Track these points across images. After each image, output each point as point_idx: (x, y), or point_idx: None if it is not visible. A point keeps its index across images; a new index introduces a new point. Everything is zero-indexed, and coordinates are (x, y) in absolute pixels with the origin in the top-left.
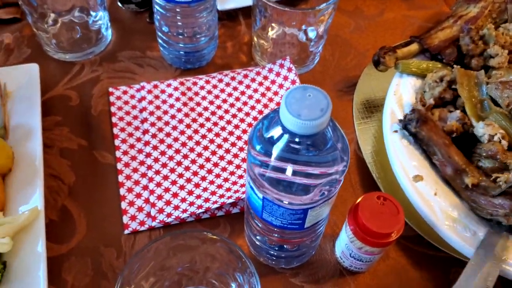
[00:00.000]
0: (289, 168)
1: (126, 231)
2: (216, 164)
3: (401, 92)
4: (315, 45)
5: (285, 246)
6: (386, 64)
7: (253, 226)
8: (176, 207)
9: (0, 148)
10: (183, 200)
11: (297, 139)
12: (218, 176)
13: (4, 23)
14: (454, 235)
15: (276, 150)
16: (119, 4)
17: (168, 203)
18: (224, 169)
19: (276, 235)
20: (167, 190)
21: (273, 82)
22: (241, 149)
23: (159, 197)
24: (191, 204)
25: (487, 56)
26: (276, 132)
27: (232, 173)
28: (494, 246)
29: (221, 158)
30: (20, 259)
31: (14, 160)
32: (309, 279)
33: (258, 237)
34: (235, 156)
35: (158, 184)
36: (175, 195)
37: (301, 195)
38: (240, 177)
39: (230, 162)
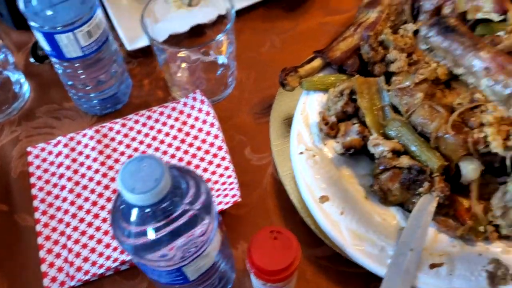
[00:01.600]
0: (147, 234)
1: None
2: None
3: (308, 111)
4: (224, 73)
5: None
6: (290, 85)
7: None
8: (94, 263)
9: None
10: (101, 254)
11: (143, 209)
12: None
13: None
14: (361, 255)
15: (126, 221)
16: (31, 60)
17: (86, 259)
18: None
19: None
20: (85, 246)
21: (188, 115)
22: None
23: (77, 255)
24: (108, 258)
25: (388, 61)
26: (122, 203)
27: None
28: (404, 262)
29: None
30: None
31: None
32: None
33: None
34: None
35: (76, 241)
36: (92, 250)
37: (163, 259)
38: None
39: None
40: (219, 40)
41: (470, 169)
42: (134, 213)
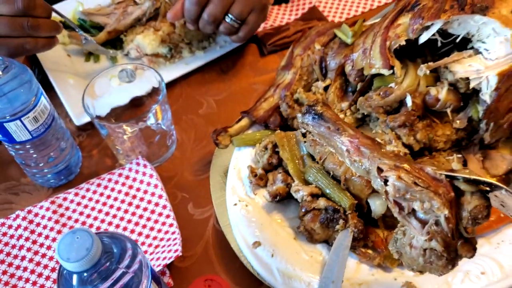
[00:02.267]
0: None
1: None
2: None
3: (240, 166)
4: (164, 138)
5: None
6: (222, 144)
7: None
8: None
9: None
10: None
11: (81, 274)
12: None
13: None
14: None
15: (72, 285)
16: None
17: None
18: None
19: None
20: None
21: (134, 179)
22: None
23: None
24: None
25: None
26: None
27: None
28: None
29: None
30: None
31: None
32: None
33: None
34: None
35: None
36: None
37: None
38: None
39: None
40: (154, 111)
41: (378, 204)
42: (75, 279)
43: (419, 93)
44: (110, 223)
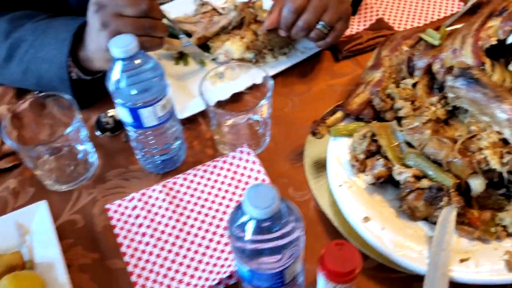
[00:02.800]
0: (262, 244)
1: None
2: (207, 247)
3: (337, 154)
4: (263, 129)
5: None
6: (321, 133)
7: None
8: None
9: (35, 280)
10: (188, 284)
11: (261, 222)
12: (211, 256)
13: (6, 171)
14: (404, 259)
15: (249, 232)
16: (97, 133)
17: None
18: (215, 249)
19: None
20: (172, 279)
21: (237, 166)
22: (225, 228)
23: (168, 286)
24: (195, 286)
25: (396, 109)
26: (245, 218)
27: (222, 251)
28: (439, 260)
29: (211, 240)
30: None
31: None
32: None
33: None
34: (222, 236)
35: (164, 276)
36: (180, 281)
37: (276, 261)
38: (230, 253)
39: (218, 242)
40: (262, 104)
41: (477, 184)
42: (255, 225)
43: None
44: (220, 204)
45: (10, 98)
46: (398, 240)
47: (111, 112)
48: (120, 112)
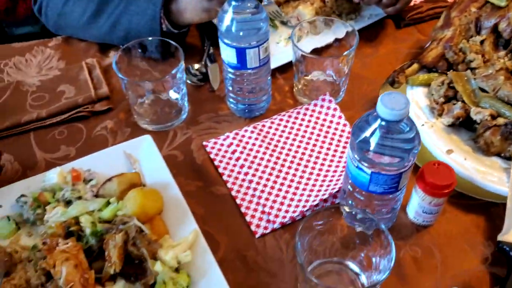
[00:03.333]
0: (393, 142)
1: (257, 236)
2: (301, 178)
3: (416, 99)
4: (344, 81)
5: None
6: (400, 81)
7: (355, 201)
8: (287, 211)
9: (156, 194)
10: (289, 205)
11: (393, 123)
12: (309, 179)
13: (101, 113)
14: (487, 182)
15: (381, 134)
16: (188, 81)
17: (279, 209)
18: (306, 183)
19: (376, 202)
20: (274, 201)
21: (319, 113)
22: (315, 162)
23: (271, 207)
24: (297, 206)
25: (467, 61)
26: (376, 124)
27: (313, 184)
28: None
29: (303, 173)
30: (197, 266)
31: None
32: (397, 237)
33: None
34: (311, 173)
35: (267, 199)
36: (281, 203)
37: (402, 162)
38: (314, 185)
39: (309, 178)
40: (349, 55)
41: None
42: (386, 126)
43: None
44: (304, 151)
45: (94, 52)
46: (479, 168)
47: (196, 66)
48: (226, 54)
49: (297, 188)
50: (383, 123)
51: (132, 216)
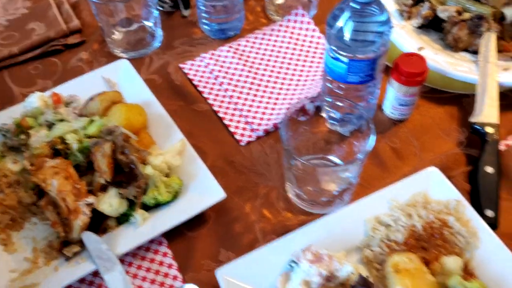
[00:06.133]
0: (365, 29)
1: (242, 144)
2: (278, 94)
3: (385, 2)
4: None
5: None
6: None
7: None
8: (269, 119)
9: (138, 108)
10: (271, 113)
11: (365, 4)
12: (288, 89)
13: (74, 46)
14: (457, 72)
15: (354, 18)
16: (160, 8)
17: (261, 118)
18: (297, 84)
19: (354, 94)
20: (256, 112)
21: (293, 28)
22: (293, 74)
23: (254, 117)
24: (279, 114)
25: None
26: (349, 11)
27: (304, 85)
28: (486, 70)
29: (280, 89)
30: (187, 171)
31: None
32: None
33: None
34: (300, 75)
35: (248, 110)
36: (263, 113)
37: (377, 45)
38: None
39: (286, 94)
40: None
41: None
42: (359, 9)
43: None
44: (281, 65)
45: None
46: (450, 60)
47: None
48: None
49: (277, 98)
50: (356, 5)
51: (118, 125)
